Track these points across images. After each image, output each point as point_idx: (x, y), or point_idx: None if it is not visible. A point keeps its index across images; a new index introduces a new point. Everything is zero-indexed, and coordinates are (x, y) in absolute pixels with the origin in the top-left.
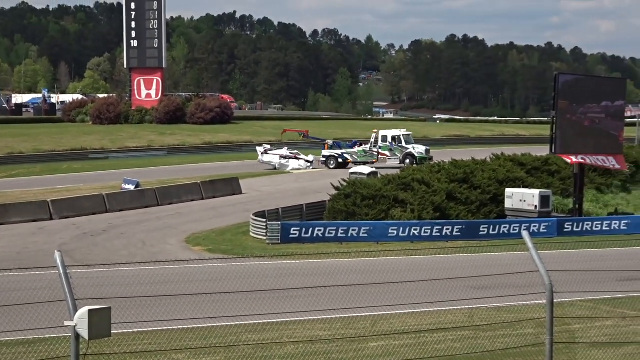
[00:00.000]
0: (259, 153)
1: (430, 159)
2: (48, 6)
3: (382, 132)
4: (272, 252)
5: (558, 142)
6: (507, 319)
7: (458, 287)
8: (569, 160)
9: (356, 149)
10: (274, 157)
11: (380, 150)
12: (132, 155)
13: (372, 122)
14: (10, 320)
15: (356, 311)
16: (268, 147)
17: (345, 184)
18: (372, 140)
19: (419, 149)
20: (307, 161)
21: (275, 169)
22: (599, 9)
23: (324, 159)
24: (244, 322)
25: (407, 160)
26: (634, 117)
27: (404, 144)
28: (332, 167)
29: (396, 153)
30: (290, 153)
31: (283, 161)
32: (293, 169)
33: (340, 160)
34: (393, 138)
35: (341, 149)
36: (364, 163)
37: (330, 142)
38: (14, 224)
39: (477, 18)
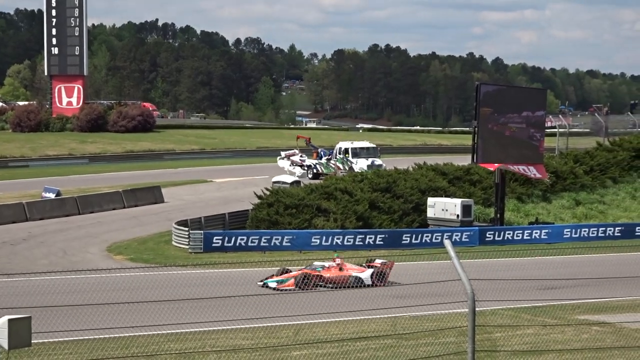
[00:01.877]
0: (279, 158)
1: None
2: None
3: (340, 144)
4: (195, 261)
5: (479, 151)
6: (429, 328)
7: (381, 295)
8: (491, 168)
9: (324, 160)
10: (286, 163)
11: (336, 163)
12: (53, 163)
13: (295, 130)
14: None
15: (278, 320)
16: (292, 152)
17: (268, 192)
18: (335, 152)
19: (361, 164)
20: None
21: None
22: (520, 20)
23: (306, 169)
24: (166, 331)
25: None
26: (554, 127)
27: (350, 157)
28: (309, 177)
29: (345, 166)
30: (300, 159)
31: (291, 168)
32: (298, 176)
33: (314, 171)
34: (345, 150)
35: (321, 159)
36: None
37: (320, 150)
38: None
39: (400, 28)
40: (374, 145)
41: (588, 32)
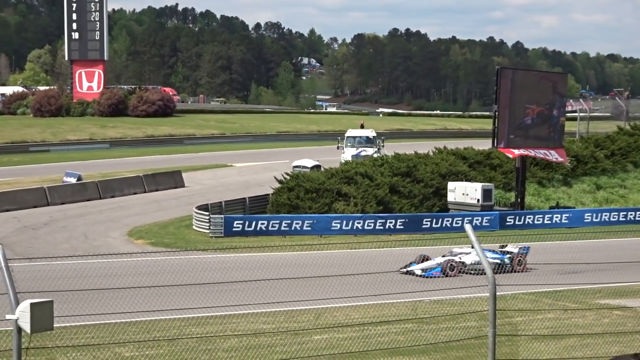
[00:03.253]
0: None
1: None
2: None
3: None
4: (215, 246)
5: (500, 136)
6: (450, 312)
7: (401, 280)
8: (510, 155)
9: None
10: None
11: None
12: (74, 148)
13: (315, 115)
14: None
15: (300, 304)
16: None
17: (288, 177)
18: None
19: (349, 153)
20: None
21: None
22: (541, 4)
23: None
24: (187, 315)
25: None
26: (574, 111)
27: (344, 146)
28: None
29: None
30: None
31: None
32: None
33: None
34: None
35: None
36: None
37: None
38: None
39: (420, 12)
40: (372, 135)
41: (609, 16)
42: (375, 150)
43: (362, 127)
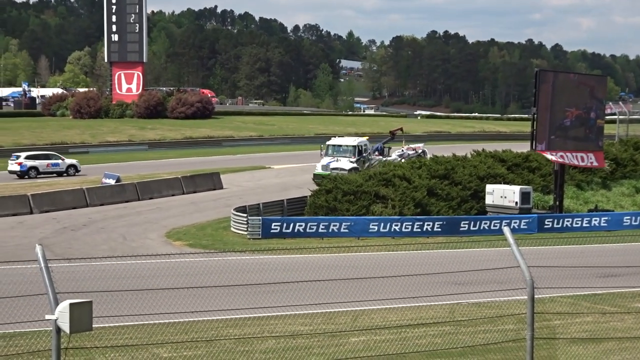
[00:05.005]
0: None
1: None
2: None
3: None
4: (253, 247)
5: (539, 138)
6: (487, 315)
7: (439, 282)
8: (550, 158)
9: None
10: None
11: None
12: (113, 149)
13: (353, 117)
14: None
15: (337, 306)
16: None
17: (326, 179)
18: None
19: (320, 163)
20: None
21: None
22: (580, 6)
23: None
24: (224, 316)
25: None
26: (613, 114)
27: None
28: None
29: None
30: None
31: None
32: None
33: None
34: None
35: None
36: None
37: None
38: None
39: (458, 14)
40: (357, 143)
41: None
42: (356, 160)
43: (401, 131)
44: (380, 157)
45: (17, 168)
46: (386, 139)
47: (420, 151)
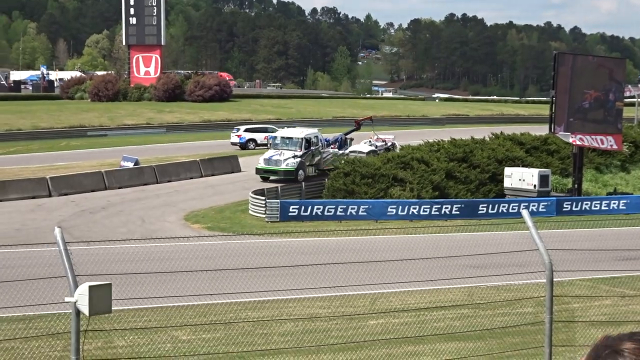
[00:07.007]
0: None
1: None
2: None
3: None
4: (271, 230)
5: (557, 121)
6: (506, 298)
7: (457, 265)
8: (570, 140)
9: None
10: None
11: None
12: (131, 132)
13: (371, 100)
14: (10, 297)
15: (355, 289)
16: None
17: (344, 162)
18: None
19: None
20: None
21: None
22: None
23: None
24: (243, 299)
25: None
26: (632, 97)
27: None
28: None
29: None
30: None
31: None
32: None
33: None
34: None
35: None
36: None
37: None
38: (12, 201)
39: None
40: (306, 136)
41: None
42: (303, 154)
43: (371, 120)
44: (337, 150)
45: (237, 140)
46: (349, 130)
47: (389, 143)
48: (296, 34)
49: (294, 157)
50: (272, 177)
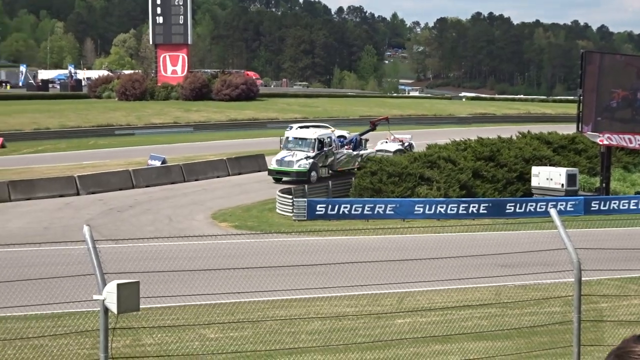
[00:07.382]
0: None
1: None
2: None
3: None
4: (299, 229)
5: (585, 120)
6: (534, 297)
7: (484, 264)
8: (598, 140)
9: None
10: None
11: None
12: (158, 131)
13: (398, 99)
14: (39, 295)
15: (382, 288)
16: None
17: (370, 161)
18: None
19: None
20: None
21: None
22: None
23: None
24: (270, 297)
25: None
26: None
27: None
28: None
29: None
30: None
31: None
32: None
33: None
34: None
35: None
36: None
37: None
38: (40, 199)
39: None
40: (319, 136)
41: None
42: (316, 155)
43: (387, 121)
44: (351, 151)
45: None
46: (365, 130)
47: (406, 144)
48: (322, 33)
49: (307, 158)
50: (284, 179)
